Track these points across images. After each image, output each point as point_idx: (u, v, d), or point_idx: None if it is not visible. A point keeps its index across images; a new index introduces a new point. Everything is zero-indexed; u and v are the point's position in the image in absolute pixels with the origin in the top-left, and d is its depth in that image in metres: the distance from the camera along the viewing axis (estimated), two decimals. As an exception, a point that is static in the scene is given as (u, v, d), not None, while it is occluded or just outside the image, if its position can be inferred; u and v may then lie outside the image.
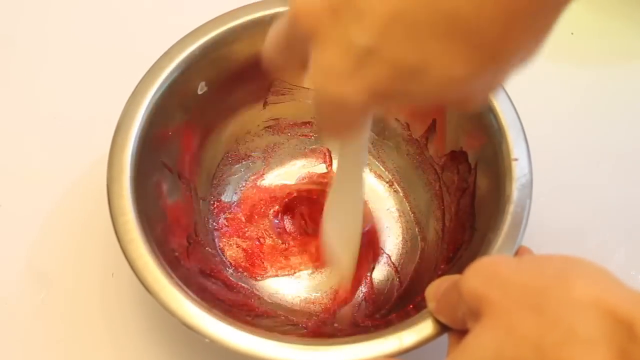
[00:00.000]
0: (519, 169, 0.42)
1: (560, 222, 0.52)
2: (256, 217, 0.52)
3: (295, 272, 0.50)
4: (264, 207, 0.52)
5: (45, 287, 0.49)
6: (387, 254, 0.51)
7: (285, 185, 0.53)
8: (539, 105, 0.52)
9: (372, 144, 0.53)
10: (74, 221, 0.51)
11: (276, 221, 0.52)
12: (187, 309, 0.38)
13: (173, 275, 0.39)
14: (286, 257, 0.50)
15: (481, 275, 0.31)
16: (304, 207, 0.52)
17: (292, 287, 0.50)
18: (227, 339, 0.37)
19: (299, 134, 0.54)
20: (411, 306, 0.44)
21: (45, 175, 0.53)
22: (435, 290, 0.37)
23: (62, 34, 0.60)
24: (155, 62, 0.44)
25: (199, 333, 0.37)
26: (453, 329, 0.36)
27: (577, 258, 0.30)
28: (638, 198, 0.53)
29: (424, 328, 0.37)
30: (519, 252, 0.40)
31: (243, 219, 0.52)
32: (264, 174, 0.53)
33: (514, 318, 0.28)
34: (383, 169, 0.53)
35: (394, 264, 0.50)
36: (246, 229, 0.51)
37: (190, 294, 0.38)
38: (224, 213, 0.51)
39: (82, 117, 0.55)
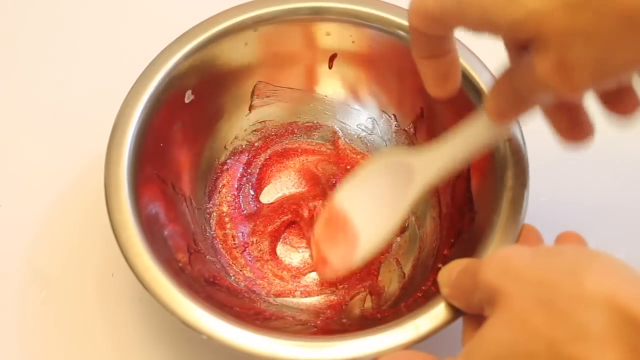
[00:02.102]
0: (512, 148, 0.43)
1: (560, 222, 0.51)
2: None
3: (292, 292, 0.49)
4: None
5: (45, 287, 0.49)
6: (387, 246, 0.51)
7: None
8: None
9: (359, 138, 0.54)
10: (73, 221, 0.51)
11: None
12: (187, 307, 0.38)
13: (183, 286, 0.38)
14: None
15: (497, 268, 0.31)
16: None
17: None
18: (225, 336, 0.37)
19: (286, 133, 0.54)
20: (419, 294, 0.44)
21: (44, 174, 0.53)
22: (447, 275, 0.37)
23: (62, 34, 0.61)
24: (141, 74, 0.44)
25: (200, 332, 0.37)
26: (468, 313, 0.36)
27: (593, 251, 0.30)
28: (638, 198, 0.54)
29: (438, 314, 0.38)
30: (523, 231, 0.40)
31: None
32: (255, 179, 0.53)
33: (528, 312, 0.29)
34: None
35: (394, 256, 0.50)
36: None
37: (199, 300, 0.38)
38: (220, 222, 0.51)
39: (82, 116, 0.55)
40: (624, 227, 0.52)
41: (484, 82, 0.45)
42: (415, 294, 0.45)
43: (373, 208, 0.45)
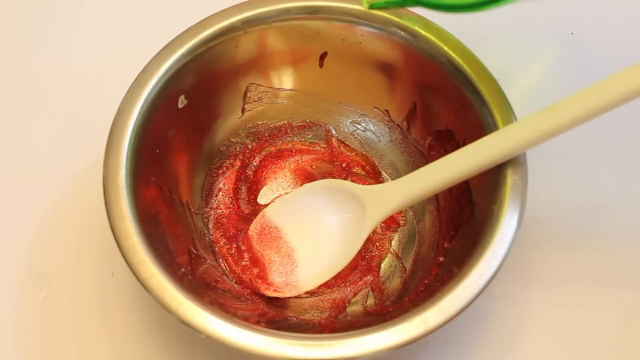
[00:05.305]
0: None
1: (559, 222, 0.52)
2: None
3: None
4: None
5: (45, 288, 0.49)
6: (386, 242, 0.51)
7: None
8: (539, 105, 0.51)
9: (352, 135, 0.54)
10: (73, 221, 0.51)
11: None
12: (192, 310, 0.38)
13: (188, 292, 0.38)
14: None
15: None
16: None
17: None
18: (228, 336, 0.37)
19: (280, 134, 0.54)
20: (422, 288, 0.44)
21: (44, 175, 0.53)
22: None
23: (61, 35, 0.61)
24: (134, 82, 0.44)
25: (204, 333, 0.37)
26: None
27: None
28: (638, 198, 0.54)
29: (445, 307, 0.38)
30: None
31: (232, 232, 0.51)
32: (251, 181, 0.53)
33: None
34: (368, 160, 0.54)
35: (394, 251, 0.50)
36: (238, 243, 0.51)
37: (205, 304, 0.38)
38: (218, 226, 0.51)
39: (82, 116, 0.56)
40: (624, 226, 0.52)
41: (479, 78, 0.45)
42: (417, 289, 0.45)
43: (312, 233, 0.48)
